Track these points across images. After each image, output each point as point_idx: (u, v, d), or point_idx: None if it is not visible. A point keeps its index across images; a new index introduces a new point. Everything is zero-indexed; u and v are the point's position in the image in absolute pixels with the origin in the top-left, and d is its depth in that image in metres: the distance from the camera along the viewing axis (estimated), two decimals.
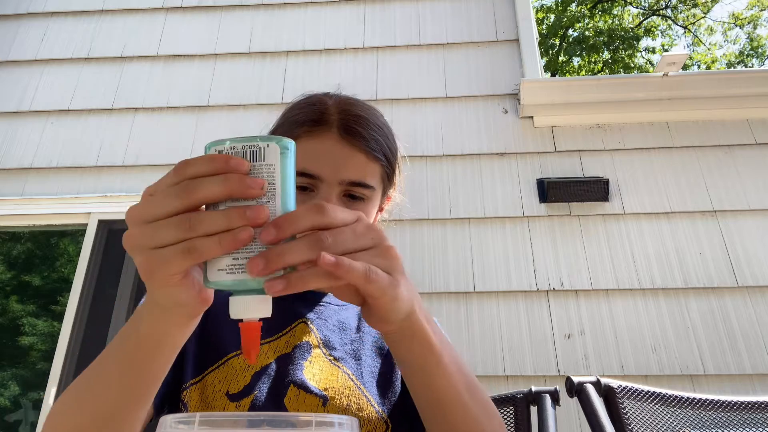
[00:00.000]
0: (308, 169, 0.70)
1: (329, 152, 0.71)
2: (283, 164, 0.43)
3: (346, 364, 0.73)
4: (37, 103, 2.86)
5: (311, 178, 0.71)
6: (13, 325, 2.71)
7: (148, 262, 0.40)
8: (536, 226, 2.40)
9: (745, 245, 2.28)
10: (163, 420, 0.33)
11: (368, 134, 0.74)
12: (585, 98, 2.61)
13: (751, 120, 2.54)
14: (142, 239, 0.40)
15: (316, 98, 0.80)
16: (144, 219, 0.40)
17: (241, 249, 0.40)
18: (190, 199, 0.39)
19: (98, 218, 2.55)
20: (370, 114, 0.78)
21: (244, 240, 0.39)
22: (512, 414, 1.11)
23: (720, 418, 0.97)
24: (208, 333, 0.73)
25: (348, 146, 0.72)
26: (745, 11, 11.90)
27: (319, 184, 0.71)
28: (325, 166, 0.71)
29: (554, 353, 2.14)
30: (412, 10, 3.00)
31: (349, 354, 0.75)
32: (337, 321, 0.79)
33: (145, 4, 3.13)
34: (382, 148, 0.76)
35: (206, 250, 0.38)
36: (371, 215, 0.76)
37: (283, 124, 0.79)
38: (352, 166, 0.72)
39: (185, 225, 0.39)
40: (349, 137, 0.72)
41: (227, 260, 0.40)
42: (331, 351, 0.74)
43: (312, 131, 0.73)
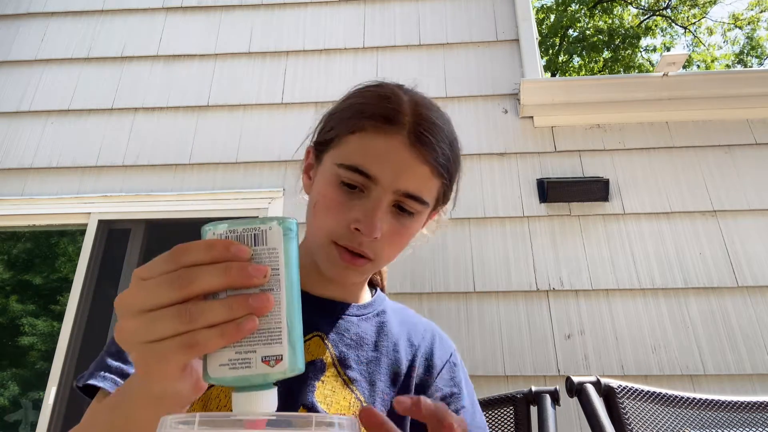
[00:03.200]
0: (366, 168, 0.64)
1: (394, 156, 0.64)
2: (286, 248, 0.40)
3: (360, 388, 0.69)
4: (37, 103, 2.86)
5: (366, 177, 0.64)
6: (13, 324, 2.71)
7: (145, 358, 0.37)
8: (536, 226, 2.40)
9: (745, 245, 2.28)
10: (163, 420, 0.33)
11: (438, 147, 0.67)
12: (585, 98, 2.61)
13: (751, 120, 2.54)
14: (137, 333, 0.37)
15: (390, 91, 0.72)
16: (138, 309, 0.37)
17: (243, 341, 0.37)
18: (188, 290, 0.36)
19: (98, 218, 2.55)
20: (445, 123, 0.72)
21: (248, 330, 0.36)
22: (512, 414, 1.11)
23: (720, 418, 0.97)
24: None
25: (415, 155, 0.65)
26: (745, 12, 11.91)
27: (373, 187, 0.64)
28: (386, 169, 0.64)
29: (554, 353, 2.14)
30: (412, 10, 3.00)
31: (363, 376, 0.70)
32: (356, 334, 0.73)
33: (145, 4, 3.13)
34: (448, 165, 0.69)
35: (208, 343, 0.36)
36: (415, 233, 0.71)
37: (347, 110, 0.71)
38: (414, 177, 0.65)
39: (185, 317, 0.36)
40: (418, 145, 0.65)
41: (229, 354, 0.37)
42: (345, 370, 0.69)
43: (380, 128, 0.65)
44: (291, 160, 2.58)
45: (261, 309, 0.37)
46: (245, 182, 2.57)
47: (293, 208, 2.46)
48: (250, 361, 0.37)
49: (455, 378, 0.76)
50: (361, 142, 0.65)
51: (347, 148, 0.66)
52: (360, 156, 0.65)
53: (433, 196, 0.69)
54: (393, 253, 0.69)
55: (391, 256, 0.69)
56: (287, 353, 0.38)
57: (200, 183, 2.59)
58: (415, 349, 0.76)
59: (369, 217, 0.63)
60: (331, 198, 0.66)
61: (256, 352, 0.37)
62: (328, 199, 0.66)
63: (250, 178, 2.58)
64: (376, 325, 0.76)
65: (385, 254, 0.68)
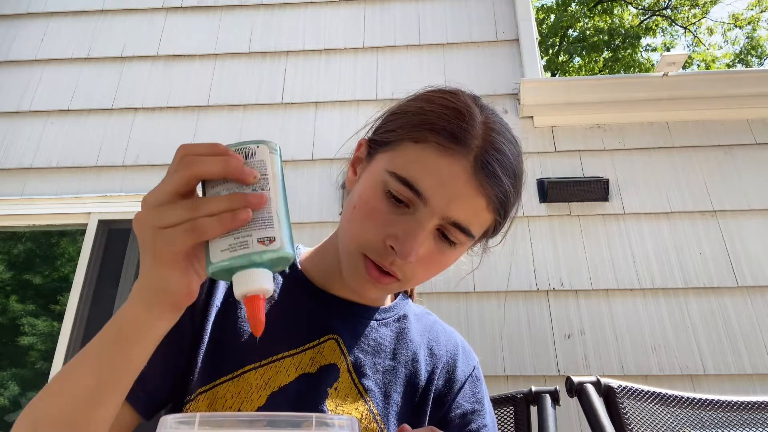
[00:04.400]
0: (419, 185, 0.59)
1: (452, 181, 0.58)
2: (272, 160, 0.46)
3: (374, 399, 0.66)
4: (37, 103, 2.86)
5: (416, 194, 0.59)
6: (13, 324, 2.71)
7: (155, 241, 0.42)
8: (536, 226, 2.40)
9: (745, 245, 2.28)
10: (163, 420, 0.33)
11: (502, 180, 0.61)
12: (585, 98, 2.61)
13: (751, 120, 2.54)
14: (151, 219, 0.42)
15: (465, 105, 0.64)
16: (154, 202, 0.43)
17: (242, 230, 0.42)
18: (192, 170, 0.42)
19: (98, 218, 2.55)
20: (513, 154, 0.64)
21: (243, 220, 0.41)
22: (512, 414, 1.12)
23: (720, 418, 0.97)
24: (225, 338, 0.65)
25: (476, 185, 0.59)
26: (745, 12, 11.91)
27: (420, 207, 0.59)
28: (440, 192, 0.58)
29: (554, 353, 2.14)
30: (412, 10, 3.00)
31: (378, 386, 0.67)
32: (374, 340, 0.70)
33: (145, 4, 3.13)
34: (507, 201, 0.63)
35: (208, 228, 0.41)
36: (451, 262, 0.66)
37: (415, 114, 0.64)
38: (468, 207, 0.60)
39: (191, 207, 0.41)
40: (482, 176, 0.59)
41: (229, 240, 0.42)
42: (361, 378, 0.67)
43: (445, 147, 0.59)
44: (291, 160, 2.58)
45: (256, 204, 0.42)
46: None
47: (293, 208, 2.46)
48: (247, 243, 0.42)
49: (478, 394, 0.74)
50: (421, 156, 0.60)
51: (404, 157, 0.61)
52: (416, 170, 0.59)
53: (482, 230, 0.64)
54: (424, 279, 0.65)
55: (421, 280, 0.65)
56: (278, 235, 0.43)
57: None
58: (435, 360, 0.73)
59: (409, 239, 0.58)
60: (373, 207, 0.61)
61: (252, 235, 0.43)
62: (370, 207, 0.61)
63: None
64: (396, 332, 0.73)
65: (416, 278, 0.64)
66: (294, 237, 0.47)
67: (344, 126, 2.63)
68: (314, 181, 2.54)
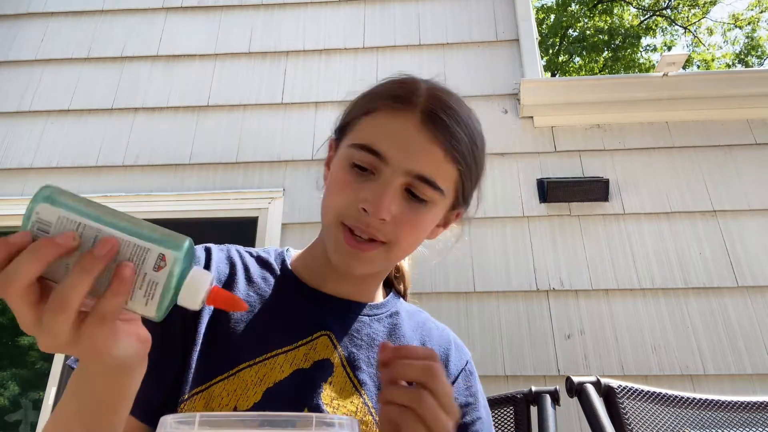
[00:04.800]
0: (376, 146, 0.62)
1: (405, 135, 0.62)
2: (67, 206, 0.41)
3: (368, 392, 0.67)
4: (37, 103, 2.86)
5: (376, 156, 0.62)
6: (13, 325, 2.71)
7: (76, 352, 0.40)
8: (536, 226, 2.40)
9: (745, 245, 2.28)
10: (163, 420, 0.33)
11: (454, 129, 0.64)
12: (585, 98, 2.61)
13: (751, 120, 2.54)
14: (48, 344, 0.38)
15: (409, 78, 0.70)
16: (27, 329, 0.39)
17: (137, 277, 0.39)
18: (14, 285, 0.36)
19: None
20: (462, 110, 0.67)
21: (130, 276, 0.38)
22: (512, 414, 1.12)
23: (720, 418, 0.97)
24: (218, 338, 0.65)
25: (428, 135, 0.62)
26: (745, 12, 11.91)
27: (383, 167, 0.62)
28: (394, 147, 0.62)
29: (554, 353, 2.14)
30: (412, 10, 3.00)
31: (373, 379, 0.68)
32: (367, 335, 0.71)
33: (145, 4, 3.13)
34: (466, 153, 0.65)
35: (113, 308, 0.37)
36: (429, 224, 0.68)
37: (364, 96, 0.70)
38: (426, 159, 0.62)
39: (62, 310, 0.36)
40: (431, 125, 0.62)
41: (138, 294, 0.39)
42: (355, 372, 0.67)
43: (392, 107, 0.64)
44: (291, 160, 2.58)
45: (110, 254, 0.37)
46: (245, 182, 2.57)
47: (293, 208, 2.46)
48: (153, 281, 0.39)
49: (471, 388, 0.75)
50: (374, 122, 0.65)
51: (360, 130, 0.66)
52: (371, 135, 0.63)
53: (450, 185, 0.65)
54: (407, 242, 0.66)
55: (404, 245, 0.66)
56: (158, 248, 0.40)
57: (200, 183, 2.59)
58: None
59: (377, 197, 0.61)
60: (342, 180, 0.64)
61: (146, 273, 0.39)
62: (339, 180, 0.65)
63: (250, 178, 2.58)
64: (389, 327, 0.74)
65: (399, 242, 0.64)
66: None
67: None
68: (314, 181, 2.54)
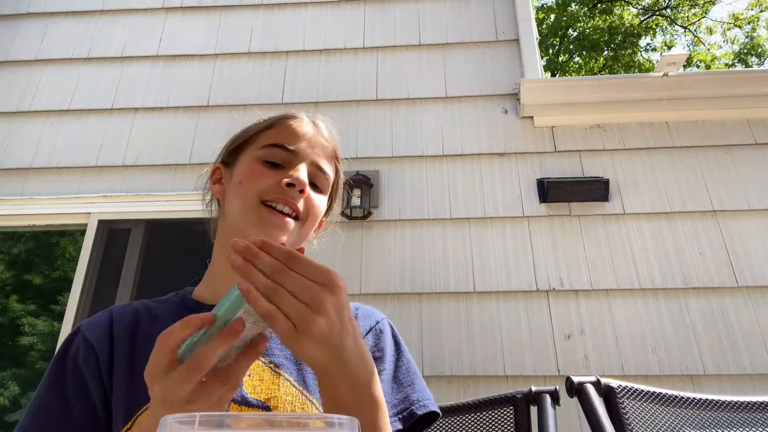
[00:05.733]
0: (287, 143, 0.76)
1: (307, 135, 0.78)
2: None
3: (287, 371, 0.71)
4: (37, 103, 2.86)
5: (288, 151, 0.76)
6: (13, 324, 2.71)
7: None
8: (536, 226, 2.40)
9: (745, 245, 2.28)
10: (163, 420, 0.33)
11: (335, 137, 0.84)
12: (585, 98, 2.61)
13: (751, 120, 2.54)
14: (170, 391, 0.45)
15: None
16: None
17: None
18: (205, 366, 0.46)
19: (98, 218, 2.55)
20: (334, 133, 0.86)
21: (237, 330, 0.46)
22: (512, 414, 1.11)
23: (720, 418, 0.97)
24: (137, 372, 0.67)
25: (321, 137, 0.80)
26: (745, 11, 11.91)
27: (294, 159, 0.76)
28: (302, 144, 0.77)
29: (554, 353, 2.14)
30: (412, 10, 3.00)
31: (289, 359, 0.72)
32: None
33: (145, 4, 3.13)
34: (338, 158, 0.84)
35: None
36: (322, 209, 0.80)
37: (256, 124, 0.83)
38: (322, 154, 0.79)
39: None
40: (321, 132, 0.81)
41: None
42: (270, 358, 0.71)
43: (292, 118, 0.80)
44: None
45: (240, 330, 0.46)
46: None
47: None
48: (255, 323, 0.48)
49: (379, 344, 0.78)
50: (279, 129, 0.79)
51: (267, 136, 0.78)
52: (281, 137, 0.77)
53: (332, 178, 0.82)
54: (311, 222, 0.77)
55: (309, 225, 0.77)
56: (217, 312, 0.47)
57: (200, 183, 2.59)
58: None
59: (298, 175, 0.73)
60: (258, 170, 0.74)
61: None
62: (255, 171, 0.74)
63: None
64: None
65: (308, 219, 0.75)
66: None
67: (344, 126, 2.63)
68: None
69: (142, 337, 0.72)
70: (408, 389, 0.73)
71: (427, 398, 0.73)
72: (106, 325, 0.73)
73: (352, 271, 2.34)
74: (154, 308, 0.77)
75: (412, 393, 0.73)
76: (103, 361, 0.69)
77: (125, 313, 0.75)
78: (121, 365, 0.68)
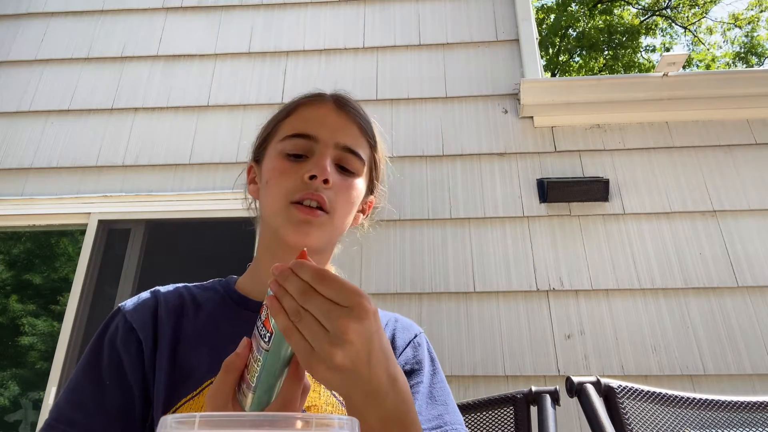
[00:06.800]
0: (306, 131, 0.72)
1: (327, 118, 0.74)
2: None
3: None
4: (37, 103, 2.86)
5: (308, 138, 0.72)
6: (13, 324, 2.71)
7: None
8: (536, 226, 2.40)
9: (745, 245, 2.28)
10: (163, 420, 0.33)
11: (361, 112, 0.79)
12: (585, 98, 2.61)
13: (751, 120, 2.54)
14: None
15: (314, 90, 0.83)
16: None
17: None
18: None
19: (98, 218, 2.55)
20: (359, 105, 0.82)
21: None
22: (512, 414, 1.11)
23: (720, 418, 0.97)
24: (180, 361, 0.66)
25: (344, 116, 0.76)
26: (745, 11, 11.91)
27: (315, 146, 0.72)
28: (322, 128, 0.73)
29: (554, 353, 2.14)
30: (412, 10, 3.00)
31: None
32: None
33: (145, 4, 3.13)
34: (371, 131, 0.79)
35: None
36: (358, 195, 0.76)
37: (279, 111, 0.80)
38: (347, 133, 0.74)
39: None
40: (345, 109, 0.76)
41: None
42: None
43: (308, 101, 0.77)
44: None
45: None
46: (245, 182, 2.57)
47: None
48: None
49: (417, 356, 0.78)
50: (296, 117, 0.75)
51: (286, 127, 0.75)
52: (299, 125, 0.73)
53: (367, 156, 0.77)
54: (344, 210, 0.73)
55: (342, 213, 0.73)
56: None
57: (200, 183, 2.59)
58: None
59: (319, 163, 0.69)
60: (280, 167, 0.71)
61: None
62: (278, 169, 0.71)
63: None
64: None
65: (338, 208, 0.71)
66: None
67: None
68: None
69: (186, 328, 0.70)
70: (441, 408, 0.72)
71: (459, 422, 0.72)
72: (151, 310, 0.71)
73: (351, 271, 2.34)
74: (198, 296, 0.75)
75: (445, 413, 0.72)
76: (147, 349, 0.67)
77: (170, 297, 0.73)
78: (164, 356, 0.66)
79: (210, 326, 0.71)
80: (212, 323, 0.71)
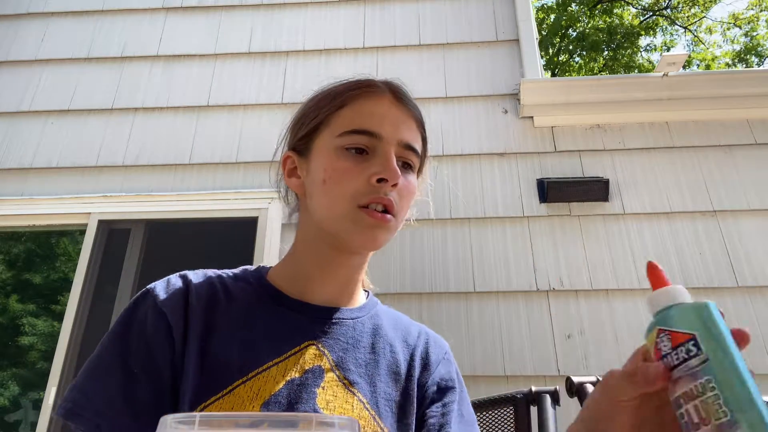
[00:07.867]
0: (369, 127, 0.68)
1: (389, 112, 0.71)
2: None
3: (361, 390, 0.68)
4: (37, 103, 2.86)
5: (371, 136, 0.68)
6: (13, 324, 2.71)
7: None
8: (536, 226, 2.40)
9: (745, 245, 2.28)
10: (163, 420, 0.33)
11: (415, 105, 0.75)
12: (585, 98, 2.61)
13: (751, 120, 2.54)
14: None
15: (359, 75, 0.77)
16: None
17: None
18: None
19: (98, 218, 2.55)
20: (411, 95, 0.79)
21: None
22: (512, 414, 1.12)
23: None
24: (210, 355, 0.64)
25: (403, 110, 0.72)
26: (745, 11, 11.91)
27: (378, 144, 0.68)
28: (386, 124, 0.69)
29: (554, 353, 2.14)
30: (412, 10, 3.00)
31: (363, 378, 0.69)
32: (351, 338, 0.73)
33: (145, 4, 3.13)
34: (424, 123, 0.76)
35: None
36: (415, 189, 0.74)
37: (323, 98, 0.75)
38: (408, 128, 0.71)
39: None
40: (402, 102, 0.73)
41: None
42: (345, 373, 0.68)
43: (365, 93, 0.72)
44: None
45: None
46: (245, 182, 2.57)
47: None
48: None
49: (450, 373, 0.78)
50: (356, 109, 0.70)
51: (343, 120, 0.70)
52: (360, 119, 0.69)
53: (420, 149, 0.74)
54: (406, 209, 0.72)
55: (404, 213, 0.72)
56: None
57: (200, 183, 2.59)
58: (411, 349, 0.77)
59: (387, 165, 0.66)
60: (342, 168, 0.67)
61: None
62: (339, 170, 0.67)
63: (250, 178, 2.58)
64: (371, 328, 0.76)
65: (403, 209, 0.70)
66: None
67: None
68: None
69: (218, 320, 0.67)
70: (469, 427, 0.73)
71: None
72: (182, 296, 0.68)
73: None
74: (230, 285, 0.72)
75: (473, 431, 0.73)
76: (178, 337, 0.64)
77: (202, 285, 0.70)
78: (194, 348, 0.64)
79: (243, 321, 0.68)
80: (245, 318, 0.68)
